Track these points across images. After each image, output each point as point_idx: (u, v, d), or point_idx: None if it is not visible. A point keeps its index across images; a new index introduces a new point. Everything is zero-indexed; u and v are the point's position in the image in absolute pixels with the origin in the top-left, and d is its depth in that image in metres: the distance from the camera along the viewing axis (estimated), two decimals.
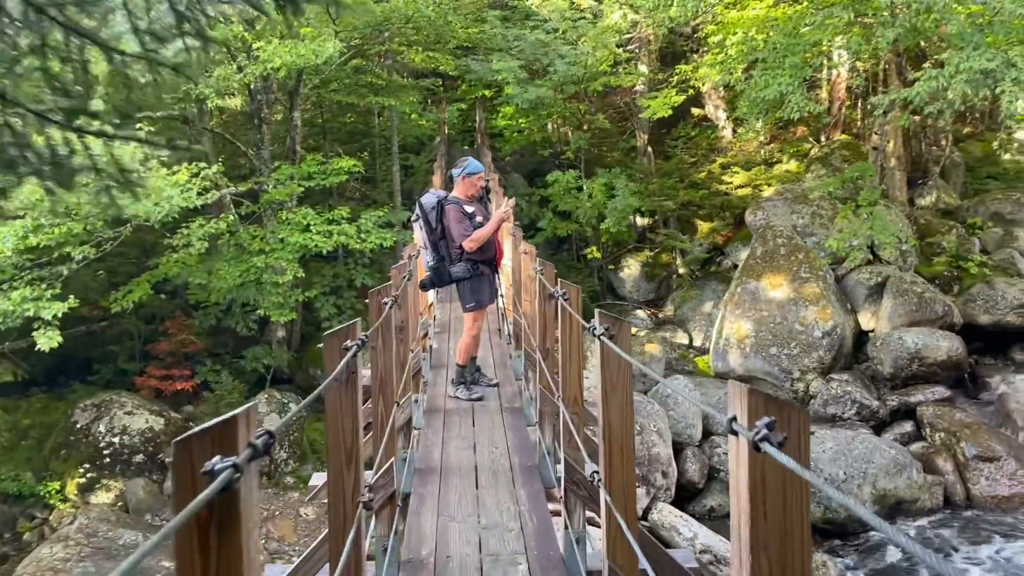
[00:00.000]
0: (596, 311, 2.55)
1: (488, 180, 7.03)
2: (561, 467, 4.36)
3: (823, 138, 17.15)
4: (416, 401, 5.97)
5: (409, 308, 5.63)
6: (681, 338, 14.29)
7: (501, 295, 6.76)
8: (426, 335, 7.73)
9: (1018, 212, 15.03)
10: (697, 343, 14.10)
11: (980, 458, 10.87)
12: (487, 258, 6.23)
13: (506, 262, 7.73)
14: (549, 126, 18.00)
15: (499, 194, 10.40)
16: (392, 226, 12.40)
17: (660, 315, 15.14)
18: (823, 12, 10.10)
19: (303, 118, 15.42)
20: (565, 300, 3.59)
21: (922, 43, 13.60)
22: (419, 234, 6.29)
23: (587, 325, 2.63)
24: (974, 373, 12.35)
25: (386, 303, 3.56)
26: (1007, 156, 17.27)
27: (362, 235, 11.41)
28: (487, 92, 18.68)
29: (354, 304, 13.70)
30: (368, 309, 3.67)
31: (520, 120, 17.80)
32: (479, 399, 6.45)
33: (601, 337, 2.42)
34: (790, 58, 10.51)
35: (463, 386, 6.53)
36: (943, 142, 16.52)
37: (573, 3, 15.77)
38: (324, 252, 11.75)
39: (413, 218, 6.37)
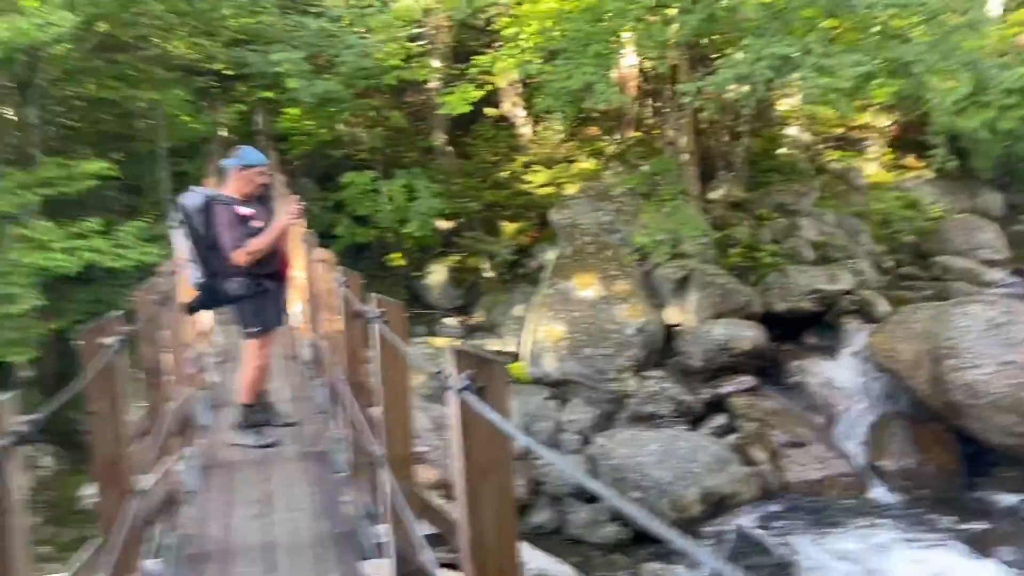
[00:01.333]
0: (452, 349, 1.59)
1: (270, 174, 5.81)
2: (384, 531, 3.33)
3: (617, 136, 17.21)
4: (188, 457, 4.65)
5: (165, 342, 4.32)
6: (494, 344, 13.62)
7: (292, 313, 5.57)
8: (202, 369, 6.34)
9: (799, 203, 15.80)
10: (510, 348, 13.46)
11: (790, 444, 11.03)
12: (271, 271, 5.04)
13: (297, 273, 6.53)
14: (340, 125, 16.70)
15: (285, 197, 9.13)
16: (159, 239, 10.65)
17: (470, 322, 14.41)
18: None
19: (45, 118, 13.08)
20: (384, 323, 2.57)
21: (703, 41, 13.87)
22: (182, 244, 4.97)
23: (436, 373, 1.66)
24: (775, 359, 12.61)
25: (108, 346, 2.36)
26: (782, 150, 18.21)
27: (119, 251, 9.64)
28: (269, 94, 17.04)
29: None
30: (83, 354, 2.44)
31: (307, 121, 16.36)
32: (272, 445, 5.23)
33: (463, 393, 1.45)
34: (593, 46, 10.14)
35: (251, 430, 5.28)
36: (726, 137, 17.12)
37: None
38: (72, 274, 9.80)
39: (174, 224, 5.04)
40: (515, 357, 13.26)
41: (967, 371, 9.80)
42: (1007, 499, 9.70)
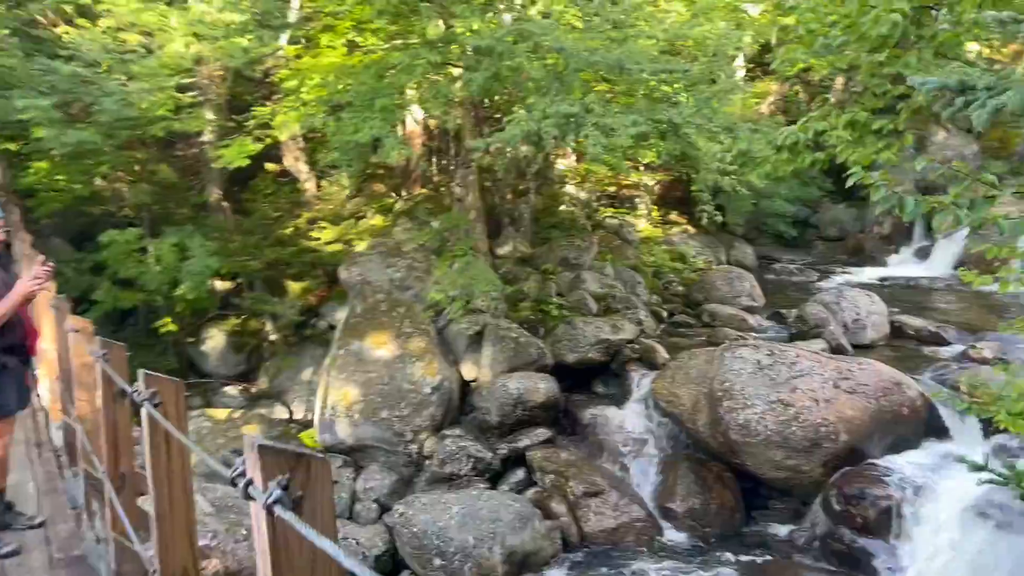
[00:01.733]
0: (255, 444, 1.22)
1: (8, 230, 4.95)
2: None
3: (404, 192, 17.12)
4: None
5: None
6: (280, 412, 12.80)
7: (38, 394, 4.74)
8: None
9: (580, 257, 16.48)
10: (299, 416, 12.72)
11: (587, 494, 11.14)
12: (11, 344, 4.24)
13: (45, 346, 5.61)
14: (99, 180, 15.20)
15: (30, 259, 7.99)
16: None
17: (254, 390, 13.45)
18: (410, 52, 9.77)
19: None
20: (155, 405, 2.10)
21: (490, 100, 14.22)
22: None
23: (233, 477, 1.27)
24: (568, 410, 12.84)
25: None
26: (562, 208, 19.01)
27: None
28: (11, 146, 15.19)
29: None
30: None
31: (59, 175, 14.71)
32: (12, 554, 4.34)
33: (275, 507, 1.09)
34: (381, 100, 9.96)
35: None
36: (510, 195, 17.59)
37: (117, 36, 13.47)
38: None
39: None
40: (305, 425, 12.52)
41: (740, 411, 10.44)
42: (781, 529, 10.40)
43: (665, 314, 15.80)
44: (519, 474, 11.48)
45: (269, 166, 16.18)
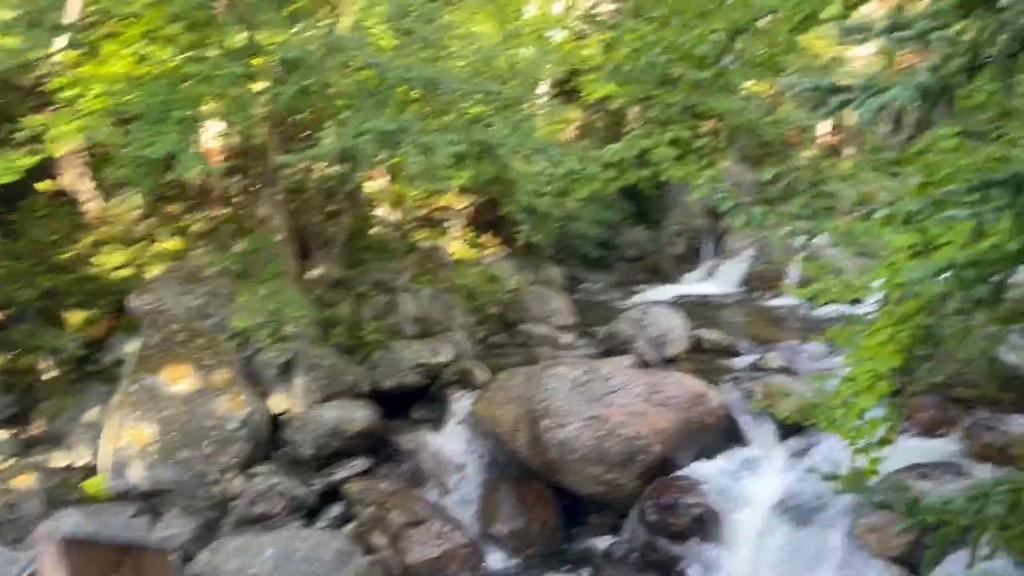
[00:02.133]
0: (53, 541, 0.88)
1: None
2: None
3: (203, 213, 16.01)
4: None
5: None
6: (61, 460, 11.41)
7: None
8: None
9: (396, 280, 16.16)
10: (84, 462, 11.40)
11: (408, 524, 10.80)
12: None
13: None
14: None
15: None
16: None
17: (26, 435, 11.91)
18: (209, 63, 9.09)
19: None
20: None
21: (298, 117, 13.65)
22: None
23: None
24: (387, 438, 12.46)
25: None
26: (374, 230, 18.63)
27: None
28: None
29: None
30: None
31: None
32: None
33: None
34: (177, 112, 9.18)
35: None
36: (319, 216, 16.97)
37: None
38: None
39: None
40: (90, 471, 11.23)
41: (559, 429, 10.60)
42: (601, 543, 10.62)
43: (482, 335, 15.84)
44: (337, 509, 10.94)
45: (43, 184, 14.49)
